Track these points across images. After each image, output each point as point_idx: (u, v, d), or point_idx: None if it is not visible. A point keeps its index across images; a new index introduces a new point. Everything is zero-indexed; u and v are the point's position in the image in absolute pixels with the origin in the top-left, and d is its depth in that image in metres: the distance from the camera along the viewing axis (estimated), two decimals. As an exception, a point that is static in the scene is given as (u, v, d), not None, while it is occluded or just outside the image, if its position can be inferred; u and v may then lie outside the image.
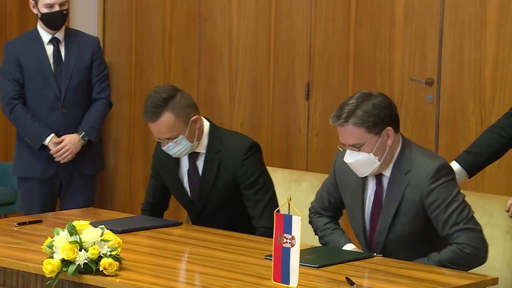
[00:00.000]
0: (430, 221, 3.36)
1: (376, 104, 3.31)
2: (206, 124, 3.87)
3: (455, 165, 3.79)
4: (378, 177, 3.43)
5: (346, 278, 3.01)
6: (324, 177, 3.95)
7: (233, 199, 3.87)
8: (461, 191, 3.66)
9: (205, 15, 6.20)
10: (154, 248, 3.49)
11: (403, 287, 2.99)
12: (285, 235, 2.70)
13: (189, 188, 3.93)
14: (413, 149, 3.42)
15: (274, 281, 2.74)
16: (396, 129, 3.37)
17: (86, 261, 3.02)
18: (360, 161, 3.35)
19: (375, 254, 3.40)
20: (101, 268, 3.02)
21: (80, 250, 3.03)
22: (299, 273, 2.72)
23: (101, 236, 3.07)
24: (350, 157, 3.36)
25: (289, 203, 2.72)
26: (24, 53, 4.95)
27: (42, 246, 3.12)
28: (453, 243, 3.30)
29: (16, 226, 3.76)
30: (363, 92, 3.38)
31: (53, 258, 3.05)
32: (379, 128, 3.31)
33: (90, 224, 3.14)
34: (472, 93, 5.49)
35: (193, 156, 3.86)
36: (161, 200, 4.09)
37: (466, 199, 3.51)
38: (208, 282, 2.99)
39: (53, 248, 3.07)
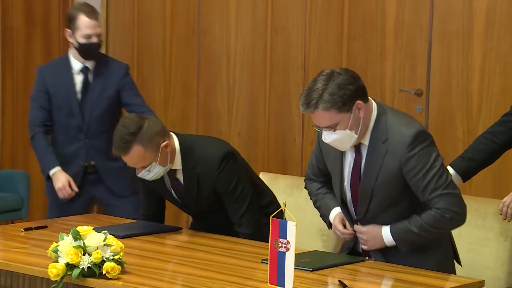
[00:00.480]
0: (409, 186, 3.34)
1: (340, 83, 3.25)
2: (177, 144, 3.81)
3: (449, 170, 3.77)
4: (357, 146, 3.39)
5: (339, 281, 3.01)
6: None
7: (221, 202, 3.87)
8: None
9: (204, 28, 6.22)
10: (155, 253, 3.48)
11: (393, 290, 3.01)
12: (280, 239, 2.71)
13: (178, 197, 3.94)
14: (389, 116, 3.37)
15: (270, 283, 2.75)
16: (365, 99, 3.32)
17: (90, 265, 3.02)
18: (338, 139, 3.30)
19: (366, 258, 3.40)
20: (104, 272, 3.02)
21: (84, 255, 3.04)
22: (294, 276, 2.73)
23: (104, 241, 3.08)
24: (328, 137, 3.32)
25: (284, 209, 2.72)
26: (53, 81, 4.81)
27: (47, 251, 3.12)
28: (433, 207, 3.28)
29: (22, 231, 3.76)
30: (325, 72, 3.30)
31: (58, 262, 3.05)
32: (349, 105, 3.25)
33: (93, 229, 3.14)
34: (459, 104, 5.50)
35: (172, 172, 3.84)
36: (158, 204, 4.07)
37: None
38: (207, 285, 2.99)
39: (58, 252, 3.07)
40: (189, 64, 6.29)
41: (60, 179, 4.70)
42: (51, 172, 4.74)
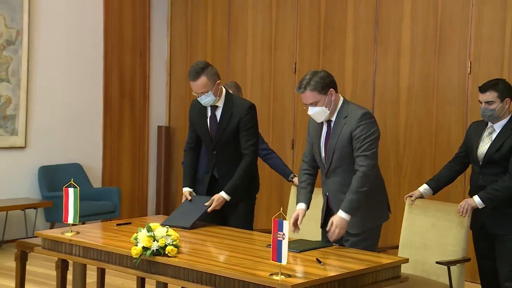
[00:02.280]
0: None
1: (321, 76, 3.27)
2: (223, 89, 3.81)
3: (425, 186, 3.83)
4: (328, 122, 3.35)
5: (316, 259, 2.96)
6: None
7: (236, 138, 3.79)
8: (429, 200, 3.74)
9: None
10: (199, 240, 3.43)
11: (351, 264, 2.94)
12: (279, 232, 2.66)
13: (210, 129, 3.84)
14: (350, 104, 3.34)
15: (272, 260, 2.70)
16: (336, 89, 3.31)
17: (157, 248, 2.98)
18: (317, 112, 3.29)
19: (334, 244, 3.33)
20: (166, 252, 2.98)
21: (153, 241, 2.99)
22: (287, 255, 2.68)
23: (167, 232, 3.03)
24: (311, 110, 3.30)
25: (281, 212, 2.68)
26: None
27: (130, 238, 3.09)
28: (357, 167, 3.21)
29: (115, 226, 3.70)
30: (312, 71, 3.33)
31: (137, 246, 3.01)
32: (326, 90, 3.25)
33: (160, 225, 3.10)
34: (392, 146, 5.47)
35: (213, 108, 3.81)
36: (198, 141, 3.95)
37: (434, 207, 3.61)
38: (231, 261, 2.94)
39: (137, 239, 3.03)
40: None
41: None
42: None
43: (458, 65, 5.20)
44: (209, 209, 3.73)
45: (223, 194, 3.75)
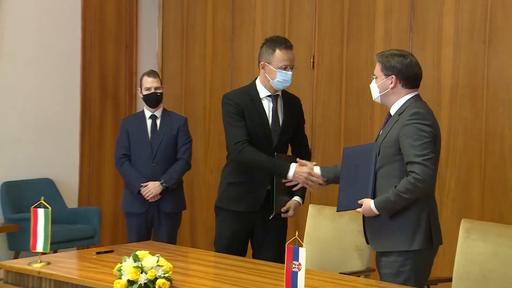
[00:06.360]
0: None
1: (396, 56, 3.39)
2: None
3: None
4: (388, 115, 3.46)
5: (340, 294, 2.94)
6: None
7: (291, 136, 4.06)
8: (489, 222, 3.86)
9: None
10: (196, 271, 3.42)
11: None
12: (294, 262, 2.64)
13: (272, 123, 4.00)
14: (416, 103, 3.38)
15: (286, 296, 2.67)
16: (404, 83, 3.36)
17: (146, 281, 2.96)
18: (372, 86, 3.48)
19: None
20: (156, 286, 2.96)
21: (141, 273, 2.98)
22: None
23: (157, 262, 3.02)
24: (371, 83, 3.48)
25: (297, 238, 2.66)
26: (133, 126, 5.14)
27: (113, 270, 3.07)
28: (410, 172, 3.25)
29: (95, 254, 3.70)
30: (402, 50, 3.47)
31: (121, 279, 3.00)
32: (388, 72, 3.38)
33: (149, 253, 3.09)
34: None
35: (274, 98, 4.01)
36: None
37: (496, 230, 3.66)
38: (236, 297, 2.92)
39: (121, 271, 3.02)
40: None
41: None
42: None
43: (512, 58, 5.18)
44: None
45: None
